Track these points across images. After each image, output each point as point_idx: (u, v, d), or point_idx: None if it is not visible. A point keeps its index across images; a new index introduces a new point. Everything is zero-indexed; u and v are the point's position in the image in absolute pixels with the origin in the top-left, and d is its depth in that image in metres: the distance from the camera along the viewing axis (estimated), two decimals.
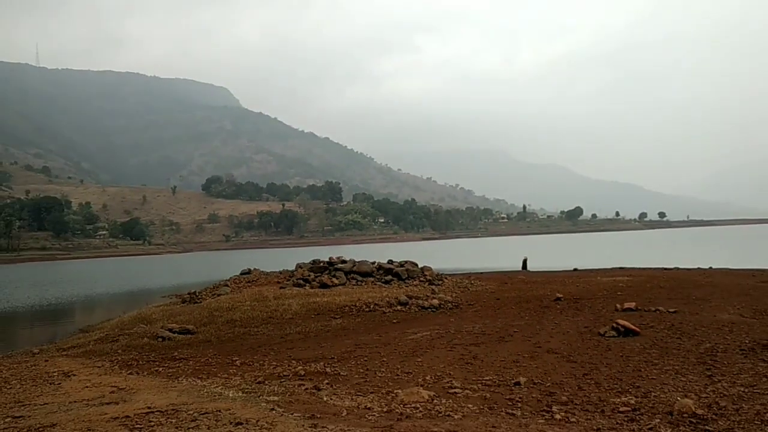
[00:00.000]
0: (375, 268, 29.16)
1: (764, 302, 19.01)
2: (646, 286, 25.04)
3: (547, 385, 9.64)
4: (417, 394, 8.75)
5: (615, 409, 8.20)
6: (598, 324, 15.21)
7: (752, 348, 12.03)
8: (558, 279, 30.65)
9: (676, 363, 10.96)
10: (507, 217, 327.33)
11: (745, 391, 8.94)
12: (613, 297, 21.14)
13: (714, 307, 18.08)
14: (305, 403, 8.31)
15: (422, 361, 11.98)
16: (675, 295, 21.57)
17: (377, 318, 19.55)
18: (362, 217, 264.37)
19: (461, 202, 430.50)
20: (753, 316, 16.87)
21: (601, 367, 10.81)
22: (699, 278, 28.76)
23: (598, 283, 27.04)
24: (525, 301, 21.39)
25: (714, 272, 33.94)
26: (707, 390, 9.04)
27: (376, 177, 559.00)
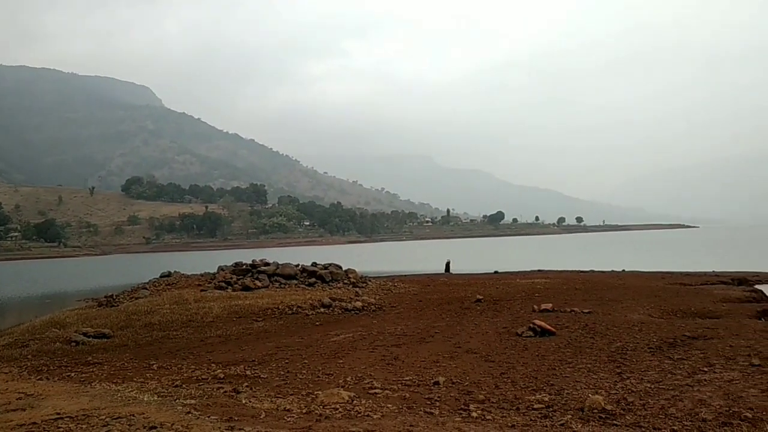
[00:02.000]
0: (299, 270, 28.99)
1: (671, 303, 19.94)
2: (562, 288, 25.82)
3: (465, 384, 9.82)
4: (337, 395, 8.76)
5: (530, 406, 8.42)
6: (516, 324, 15.57)
7: (659, 346, 12.59)
8: (479, 281, 31.23)
9: (588, 361, 11.36)
10: (431, 221, 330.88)
11: (651, 387, 9.34)
12: (531, 298, 21.70)
13: (625, 308, 18.82)
14: (223, 406, 8.18)
15: (344, 362, 11.99)
16: (589, 296, 22.34)
17: (300, 320, 19.44)
18: (287, 219, 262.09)
19: (387, 205, 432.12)
20: (661, 316, 17.67)
21: (518, 366, 11.09)
22: (612, 280, 29.89)
23: (517, 285, 27.70)
24: (447, 303, 21.70)
25: (626, 275, 35.33)
26: (617, 386, 9.41)
27: (302, 180, 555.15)
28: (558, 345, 12.91)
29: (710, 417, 7.66)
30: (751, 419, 7.50)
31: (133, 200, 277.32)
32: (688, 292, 24.11)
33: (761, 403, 8.28)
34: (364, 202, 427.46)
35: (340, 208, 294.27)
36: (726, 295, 22.42)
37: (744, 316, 17.62)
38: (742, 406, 8.13)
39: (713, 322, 16.06)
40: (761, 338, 13.31)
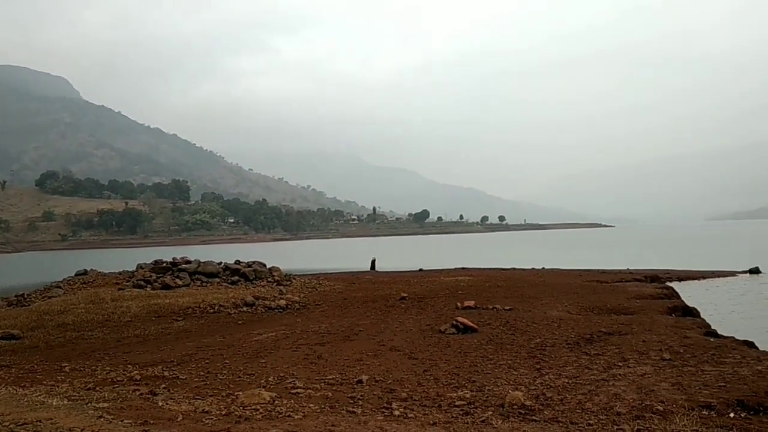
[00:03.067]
0: (221, 268, 28.44)
1: (589, 300, 20.55)
2: (485, 285, 26.25)
3: (388, 382, 9.81)
4: (258, 395, 8.59)
5: (451, 403, 8.47)
6: (439, 322, 15.71)
7: (577, 342, 12.94)
8: (404, 279, 31.41)
9: (509, 357, 11.55)
10: (358, 219, 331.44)
11: (569, 382, 9.56)
12: (455, 296, 21.96)
13: (545, 305, 19.28)
14: (138, 409, 7.89)
15: (266, 362, 11.79)
16: (511, 293, 22.79)
17: (222, 319, 19.05)
18: (211, 217, 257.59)
19: (313, 203, 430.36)
20: (579, 312, 18.18)
21: (441, 363, 11.17)
22: (533, 278, 30.60)
23: (441, 282, 28.00)
24: (371, 301, 21.71)
25: (546, 273, 36.26)
26: (536, 382, 9.59)
27: (226, 176, 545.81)
28: (480, 342, 13.09)
29: (624, 411, 7.88)
30: (662, 412, 7.76)
31: (48, 195, 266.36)
32: (605, 289, 24.90)
33: (671, 396, 8.60)
34: (290, 200, 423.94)
35: (266, 205, 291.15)
36: (640, 292, 23.26)
37: (656, 312, 18.32)
38: (653, 399, 8.42)
39: (628, 318, 16.67)
40: (671, 333, 13.87)
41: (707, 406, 8.24)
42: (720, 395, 8.74)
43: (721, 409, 8.21)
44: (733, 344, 13.16)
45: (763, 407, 8.54)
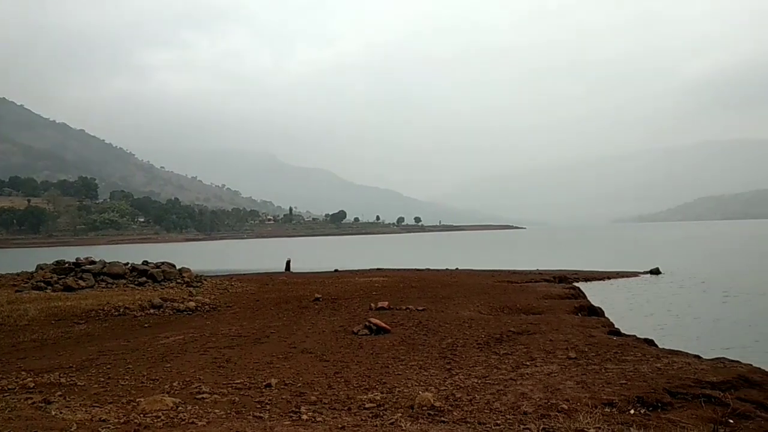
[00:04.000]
0: (128, 269, 27.41)
1: (499, 300, 20.93)
2: (399, 286, 26.36)
3: (298, 385, 9.61)
4: (160, 401, 8.22)
5: (361, 405, 8.37)
6: (352, 323, 15.61)
7: (487, 342, 13.10)
8: (319, 280, 31.18)
9: (421, 358, 11.57)
10: (274, 219, 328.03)
11: (478, 382, 9.64)
12: (369, 297, 21.93)
13: (457, 305, 19.50)
14: (28, 419, 7.39)
15: (171, 366, 11.36)
16: (424, 294, 22.96)
17: (127, 323, 18.29)
18: (120, 216, 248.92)
19: (228, 203, 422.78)
20: (489, 312, 18.48)
21: (352, 365, 11.06)
22: (446, 278, 30.98)
23: (356, 283, 27.94)
24: (285, 302, 21.40)
25: (459, 273, 36.80)
26: (446, 383, 9.61)
27: (136, 174, 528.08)
28: (392, 343, 13.06)
29: (531, 410, 7.99)
30: (567, 410, 7.91)
31: None
32: (515, 289, 25.46)
33: (576, 395, 8.79)
34: (204, 199, 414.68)
35: (178, 204, 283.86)
36: (548, 292, 23.88)
37: (563, 312, 18.82)
38: (559, 397, 8.58)
39: (536, 318, 17.05)
40: (577, 332, 14.26)
41: (609, 404, 8.47)
42: (621, 392, 9.00)
43: (623, 406, 8.46)
44: (635, 342, 13.65)
45: (661, 403, 8.86)
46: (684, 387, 9.51)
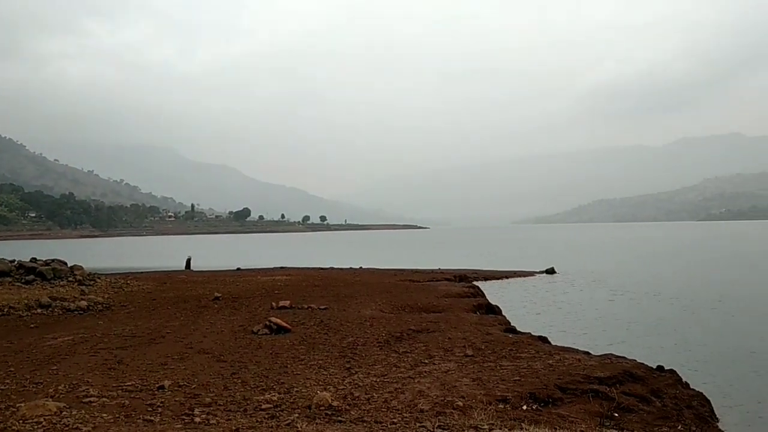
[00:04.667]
0: (14, 266, 25.85)
1: (401, 299, 21.13)
2: (302, 284, 26.17)
3: (192, 387, 9.34)
4: (42, 407, 7.78)
5: (258, 407, 8.22)
6: (253, 322, 15.35)
7: (387, 340, 13.19)
8: (220, 278, 30.52)
9: (321, 357, 11.50)
10: (175, 216, 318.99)
11: (377, 380, 9.67)
12: (271, 295, 21.65)
13: (359, 304, 19.54)
14: None
15: (58, 369, 10.79)
16: (327, 293, 22.89)
17: (12, 323, 17.25)
18: (9, 210, 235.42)
19: (126, 198, 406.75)
20: (391, 311, 18.61)
21: (250, 365, 10.86)
22: (349, 277, 31.02)
23: (258, 282, 27.53)
24: (183, 301, 20.79)
25: (362, 272, 36.95)
26: (345, 382, 9.60)
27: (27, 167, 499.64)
28: (292, 342, 12.93)
29: (427, 407, 8.08)
30: (462, 407, 8.06)
31: None
32: (417, 288, 25.78)
33: (471, 392, 8.97)
34: (101, 194, 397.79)
35: (73, 199, 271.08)
36: (448, 291, 24.31)
37: (462, 310, 19.20)
38: (455, 395, 8.72)
39: (436, 316, 17.31)
40: (475, 330, 14.59)
41: (503, 400, 8.69)
42: (515, 389, 9.26)
43: (516, 402, 8.70)
44: (529, 340, 14.09)
45: (552, 399, 9.17)
46: (574, 383, 9.89)
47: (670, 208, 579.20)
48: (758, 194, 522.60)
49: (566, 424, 7.88)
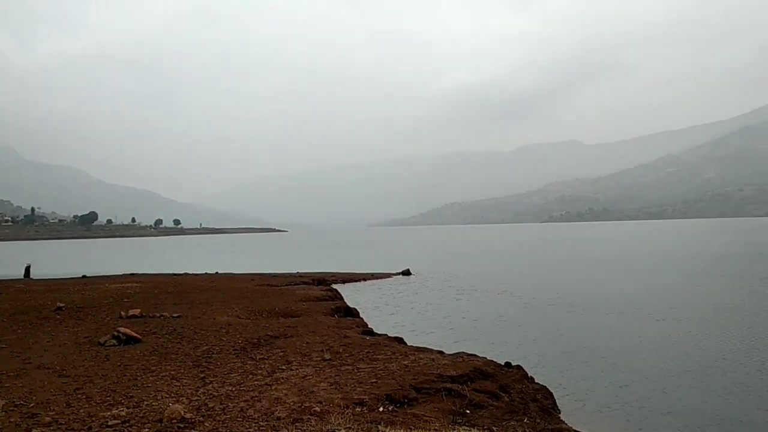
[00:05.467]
0: None
1: (259, 304, 20.81)
2: (154, 292, 25.10)
3: (30, 405, 8.67)
4: None
5: (104, 423, 7.77)
6: (99, 333, 14.51)
7: (244, 347, 12.93)
8: (64, 287, 28.60)
9: (173, 368, 11.06)
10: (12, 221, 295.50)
11: (232, 390, 9.45)
12: (120, 304, 20.57)
13: (215, 310, 19.03)
14: None
15: None
16: (181, 300, 22.09)
17: None
18: None
19: None
20: (248, 317, 18.28)
21: (96, 379, 10.25)
22: (205, 283, 30.13)
23: (106, 290, 26.09)
24: (21, 313, 19.26)
25: (219, 277, 36.04)
26: (199, 392, 9.29)
27: None
28: (143, 353, 12.35)
29: (284, 415, 7.99)
30: (320, 413, 8.04)
31: None
32: (275, 292, 25.50)
33: (329, 396, 8.98)
34: None
35: None
36: (307, 295, 24.25)
37: (321, 314, 19.22)
38: (313, 400, 8.70)
39: (294, 321, 17.20)
40: (333, 334, 14.64)
41: (360, 403, 8.78)
42: (372, 391, 9.38)
43: (372, 405, 8.81)
44: (386, 341, 14.35)
45: (407, 399, 9.38)
46: (428, 382, 10.17)
47: (517, 210, 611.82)
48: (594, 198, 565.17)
49: (421, 423, 8.07)
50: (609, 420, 11.59)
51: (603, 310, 25.57)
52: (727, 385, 13.53)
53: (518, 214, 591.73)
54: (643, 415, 11.86)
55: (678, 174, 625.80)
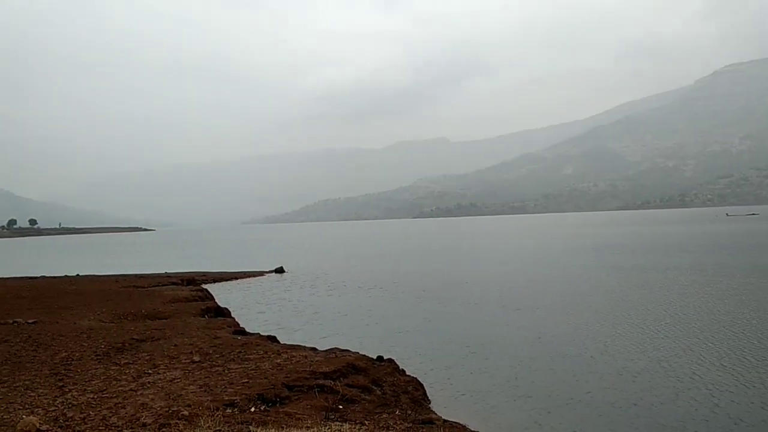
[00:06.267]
0: None
1: (124, 306, 19.93)
2: (6, 297, 23.43)
3: None
4: None
5: None
6: None
7: (107, 353, 12.33)
8: None
9: (28, 378, 10.36)
10: None
11: (94, 397, 9.00)
12: None
13: (75, 315, 18.04)
14: None
15: None
16: (37, 304, 20.76)
17: None
18: None
19: None
20: (112, 320, 17.46)
21: None
22: (65, 286, 28.49)
23: None
24: None
25: (80, 279, 34.18)
26: (57, 402, 8.77)
27: None
28: None
29: (150, 420, 7.71)
30: (188, 416, 7.82)
31: None
32: (141, 294, 24.52)
33: (198, 399, 8.75)
34: None
35: None
36: (175, 296, 23.49)
37: (190, 314, 18.71)
38: (181, 404, 8.44)
39: (162, 323, 16.62)
40: (203, 335, 14.28)
41: (231, 404, 8.62)
42: (243, 391, 9.24)
43: (244, 405, 8.68)
44: (258, 340, 14.17)
45: (280, 398, 9.31)
46: (301, 380, 10.14)
47: (389, 206, 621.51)
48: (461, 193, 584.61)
49: (293, 421, 8.05)
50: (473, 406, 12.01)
51: (468, 301, 26.49)
52: (574, 368, 14.40)
53: (390, 210, 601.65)
54: (500, 400, 12.36)
55: (538, 171, 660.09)
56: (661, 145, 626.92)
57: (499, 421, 11.04)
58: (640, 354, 15.50)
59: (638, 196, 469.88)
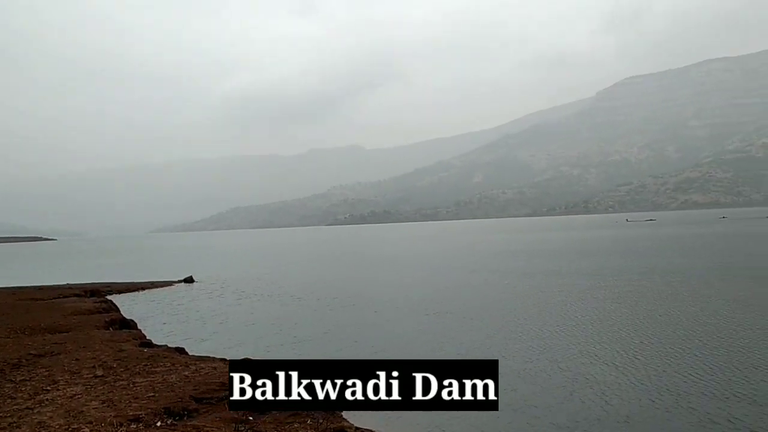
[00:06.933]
0: None
1: (21, 320, 19.00)
2: None
3: None
4: None
5: None
6: None
7: (1, 369, 11.74)
8: None
9: None
10: None
11: None
12: None
13: None
14: None
15: None
16: None
17: None
18: None
19: None
20: (8, 335, 16.61)
21: None
22: None
23: None
24: None
25: None
26: None
27: None
28: None
29: None
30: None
31: None
32: (40, 307, 23.46)
33: (101, 415, 8.46)
34: None
35: None
36: (78, 308, 22.59)
37: (93, 327, 18.02)
38: (81, 421, 8.15)
39: (63, 337, 15.94)
40: (107, 348, 13.80)
41: (136, 419, 8.38)
42: (149, 406, 8.99)
43: (149, 420, 8.45)
44: (166, 352, 13.81)
45: (187, 411, 9.12)
46: (210, 392, 9.96)
47: (303, 213, 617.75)
48: (375, 201, 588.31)
49: None
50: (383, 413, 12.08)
51: (377, 307, 26.69)
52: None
53: (304, 218, 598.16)
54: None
55: (450, 178, 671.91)
56: (566, 153, 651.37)
57: (405, 428, 11.17)
58: (539, 355, 16.06)
59: (545, 203, 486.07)
